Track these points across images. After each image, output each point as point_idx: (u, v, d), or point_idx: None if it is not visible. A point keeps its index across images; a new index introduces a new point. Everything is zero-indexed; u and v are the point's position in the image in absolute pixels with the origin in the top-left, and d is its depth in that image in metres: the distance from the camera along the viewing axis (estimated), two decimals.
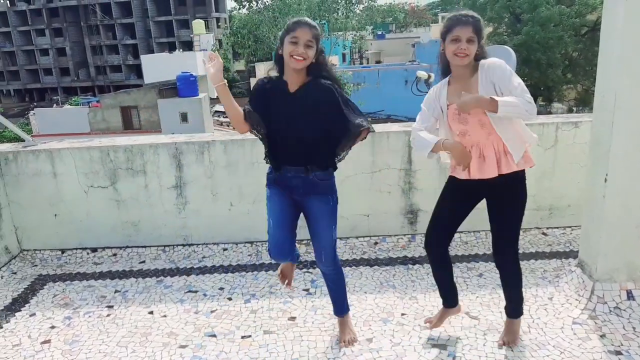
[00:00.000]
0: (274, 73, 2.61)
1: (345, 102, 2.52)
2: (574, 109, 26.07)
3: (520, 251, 3.82)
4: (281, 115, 2.53)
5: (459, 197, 2.71)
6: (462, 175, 2.58)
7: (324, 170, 2.60)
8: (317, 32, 2.46)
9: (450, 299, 2.91)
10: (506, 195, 2.61)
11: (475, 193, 2.67)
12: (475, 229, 4.09)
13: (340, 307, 2.90)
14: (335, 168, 2.65)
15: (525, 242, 3.98)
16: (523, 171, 2.60)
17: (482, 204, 2.73)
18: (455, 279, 3.47)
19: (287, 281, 2.98)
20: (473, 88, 2.48)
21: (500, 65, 2.45)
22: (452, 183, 2.71)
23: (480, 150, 2.52)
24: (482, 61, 2.48)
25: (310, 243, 4.08)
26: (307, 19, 2.51)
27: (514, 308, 2.78)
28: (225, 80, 2.57)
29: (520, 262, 3.67)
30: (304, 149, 2.53)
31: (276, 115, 2.55)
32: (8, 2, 57.05)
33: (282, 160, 2.60)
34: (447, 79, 2.62)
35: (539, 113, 2.61)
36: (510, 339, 2.76)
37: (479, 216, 4.06)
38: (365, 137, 2.59)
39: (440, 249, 2.81)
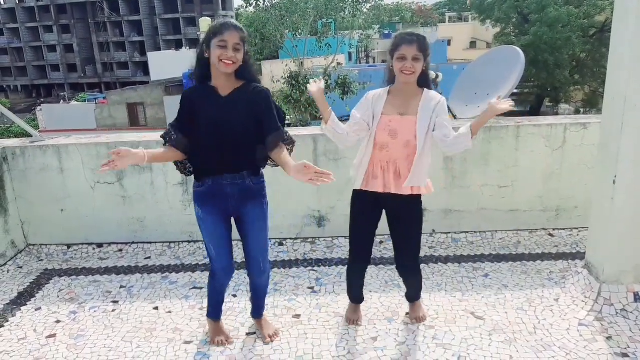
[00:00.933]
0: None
1: (272, 108, 2.51)
2: (581, 110, 25.94)
3: (527, 252, 3.85)
4: (213, 120, 2.45)
5: (370, 210, 2.80)
6: (377, 188, 2.67)
7: (258, 173, 2.60)
8: (244, 35, 2.43)
9: (360, 298, 3.07)
10: (407, 214, 2.74)
11: (378, 205, 2.78)
12: (481, 229, 4.09)
13: (262, 308, 2.96)
14: (262, 170, 2.65)
15: (532, 243, 3.97)
16: (420, 195, 2.73)
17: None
18: (461, 279, 3.48)
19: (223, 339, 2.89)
20: (412, 107, 2.60)
21: (444, 103, 2.63)
22: (361, 197, 2.78)
23: (397, 167, 2.64)
24: (428, 92, 2.63)
25: (314, 241, 4.09)
26: (233, 21, 2.46)
27: (415, 295, 3.01)
28: (146, 156, 2.41)
29: (527, 262, 3.70)
30: (240, 154, 2.49)
31: (207, 122, 2.46)
32: None
33: (217, 169, 2.52)
34: (387, 88, 2.70)
35: (545, 114, 2.67)
36: (421, 315, 3.01)
37: (485, 217, 4.06)
38: (290, 149, 2.58)
39: (365, 264, 2.93)
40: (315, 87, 2.59)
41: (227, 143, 2.47)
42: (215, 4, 53.95)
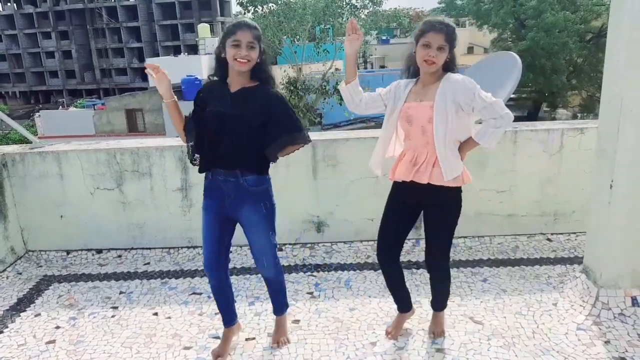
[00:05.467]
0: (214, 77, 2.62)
1: (289, 113, 2.54)
2: (579, 115, 26.00)
3: (525, 257, 3.86)
4: (216, 113, 2.48)
5: (400, 204, 2.73)
6: (395, 177, 2.63)
7: (256, 174, 2.57)
8: (258, 33, 2.44)
9: (404, 305, 2.94)
10: (439, 207, 2.63)
11: (413, 200, 2.68)
12: (479, 234, 4.10)
13: (281, 307, 2.93)
14: (267, 174, 2.62)
15: (530, 247, 3.98)
16: (459, 187, 2.62)
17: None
18: (459, 284, 3.49)
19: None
20: (430, 93, 2.51)
21: (463, 82, 2.45)
22: (393, 190, 2.75)
23: (415, 156, 2.57)
24: (448, 74, 2.51)
25: (312, 246, 4.10)
26: (247, 20, 2.50)
27: (440, 303, 2.89)
28: (175, 97, 2.59)
29: (525, 267, 3.71)
30: (235, 151, 2.49)
31: (208, 113, 2.50)
32: (15, 5, 57.39)
33: (213, 162, 2.55)
34: (414, 80, 2.63)
35: (542, 119, 2.68)
36: (440, 330, 2.89)
37: (483, 222, 4.08)
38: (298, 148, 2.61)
39: (391, 260, 2.82)
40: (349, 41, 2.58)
41: (221, 136, 2.48)
42: (214, 10, 54.09)
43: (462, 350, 2.78)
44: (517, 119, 2.69)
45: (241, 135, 2.48)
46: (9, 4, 58.02)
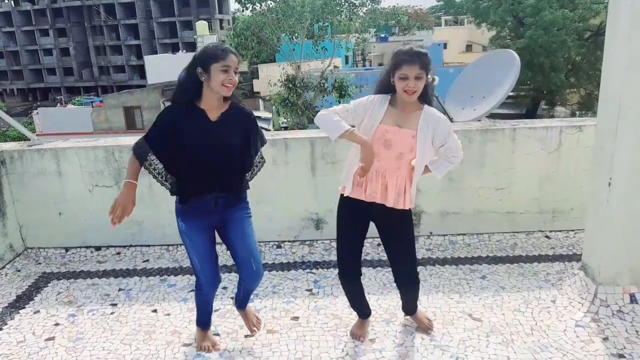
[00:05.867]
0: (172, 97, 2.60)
1: (256, 130, 2.66)
2: (577, 113, 26.02)
3: (524, 254, 3.87)
4: (203, 145, 2.46)
5: (357, 220, 2.71)
6: (359, 196, 2.61)
7: (242, 191, 2.70)
8: (240, 59, 2.50)
9: (364, 312, 2.95)
10: (398, 228, 2.69)
11: (366, 216, 2.70)
12: (478, 231, 4.11)
13: (247, 301, 2.94)
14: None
15: (529, 245, 3.99)
16: (410, 210, 2.67)
17: None
18: (458, 281, 3.50)
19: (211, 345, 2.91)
20: (411, 121, 2.53)
21: (444, 120, 2.58)
22: (347, 206, 2.69)
23: (385, 178, 2.56)
24: (428, 108, 2.57)
25: (312, 243, 4.11)
26: (228, 46, 2.52)
27: (412, 308, 2.95)
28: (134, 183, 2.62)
29: (524, 264, 3.72)
30: (227, 177, 2.56)
31: (195, 146, 2.46)
32: (12, 2, 57.19)
33: (203, 189, 2.55)
34: (388, 97, 2.60)
35: (541, 117, 2.68)
36: (427, 322, 2.96)
37: (481, 219, 4.09)
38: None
39: (355, 276, 2.80)
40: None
41: (216, 168, 2.52)
42: (212, 7, 53.97)
43: (461, 347, 2.79)
44: (516, 116, 2.69)
45: (234, 163, 2.56)
46: (6, 1, 57.81)
